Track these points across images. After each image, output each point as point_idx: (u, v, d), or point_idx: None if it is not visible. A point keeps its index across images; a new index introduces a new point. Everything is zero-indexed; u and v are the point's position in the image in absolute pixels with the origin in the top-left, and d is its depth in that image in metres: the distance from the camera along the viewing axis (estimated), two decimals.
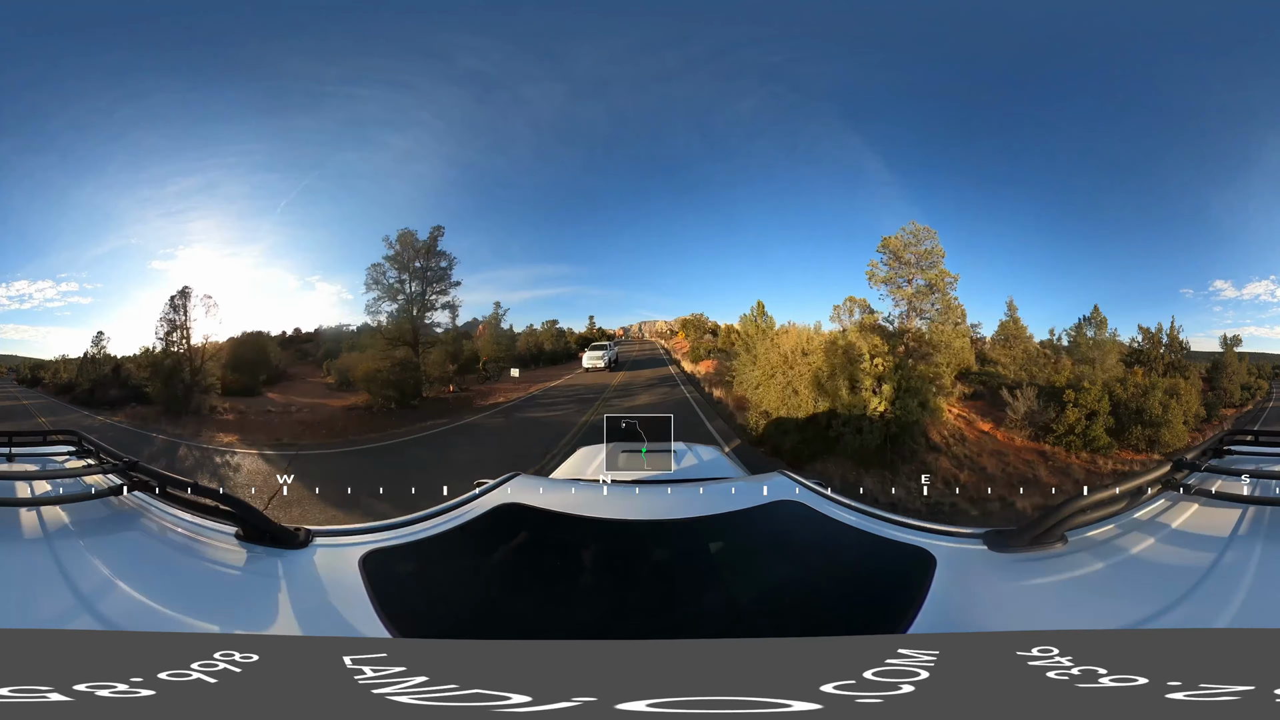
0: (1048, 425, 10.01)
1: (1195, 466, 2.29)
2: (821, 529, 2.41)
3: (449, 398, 14.62)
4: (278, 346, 14.92)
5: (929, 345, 12.53)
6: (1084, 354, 11.76)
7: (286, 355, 15.04)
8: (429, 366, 14.37)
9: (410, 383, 14.01)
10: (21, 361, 14.76)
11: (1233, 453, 2.54)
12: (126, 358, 13.88)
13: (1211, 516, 2.11)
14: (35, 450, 2.65)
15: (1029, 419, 10.33)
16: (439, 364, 14.51)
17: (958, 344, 12.57)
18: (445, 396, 14.58)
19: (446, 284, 14.39)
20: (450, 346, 14.67)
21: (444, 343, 14.58)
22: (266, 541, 2.19)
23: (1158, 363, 11.30)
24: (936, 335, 12.55)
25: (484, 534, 2.38)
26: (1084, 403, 9.67)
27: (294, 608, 1.95)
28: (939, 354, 12.40)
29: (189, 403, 12.97)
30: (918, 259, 12.55)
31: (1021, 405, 10.37)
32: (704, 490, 2.80)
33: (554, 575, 2.28)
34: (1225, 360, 12.47)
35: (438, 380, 14.58)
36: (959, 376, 12.62)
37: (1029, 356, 12.48)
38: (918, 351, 12.47)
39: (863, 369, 11.47)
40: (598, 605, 2.15)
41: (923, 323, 12.71)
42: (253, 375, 14.12)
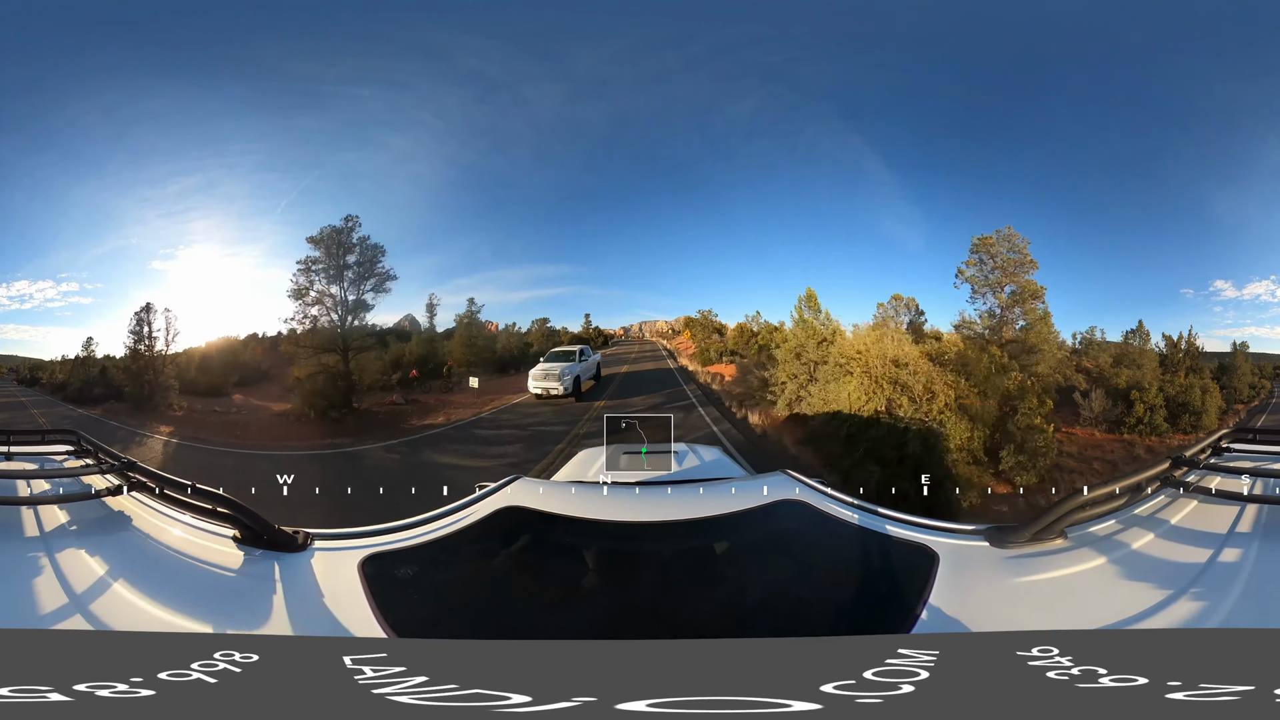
0: (1119, 419, 12.03)
1: (1195, 464, 2.29)
2: (823, 527, 2.41)
3: (382, 411, 13.08)
4: (250, 348, 14.73)
5: (1027, 351, 12.19)
6: (1133, 360, 12.98)
7: (273, 357, 14.98)
8: (361, 374, 12.97)
9: (333, 392, 12.73)
10: (22, 362, 14.80)
11: (1232, 451, 2.55)
12: (111, 358, 14.07)
13: (1210, 514, 2.11)
14: (34, 449, 2.65)
15: (1104, 416, 12.11)
16: (372, 371, 13.09)
17: (1052, 352, 12.40)
18: (379, 409, 13.08)
19: (376, 280, 13.08)
20: (380, 352, 13.35)
21: (374, 347, 13.35)
22: (265, 544, 2.18)
23: (1180, 366, 12.75)
24: (1038, 340, 12.27)
25: (485, 538, 2.37)
26: (1146, 399, 11.97)
27: (293, 611, 1.94)
28: (1040, 362, 12.14)
29: (150, 400, 13.22)
30: (1009, 265, 12.25)
31: (1096, 405, 12.16)
32: (704, 490, 2.80)
33: (555, 578, 2.27)
34: (1235, 363, 13.10)
35: (378, 389, 13.18)
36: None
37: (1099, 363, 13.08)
38: (1018, 359, 12.02)
39: (995, 384, 10.33)
40: (598, 607, 2.15)
41: (1019, 327, 12.43)
42: (223, 377, 13.92)
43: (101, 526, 2.13)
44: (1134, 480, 2.23)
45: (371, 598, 1.97)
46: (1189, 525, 2.11)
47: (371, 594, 1.99)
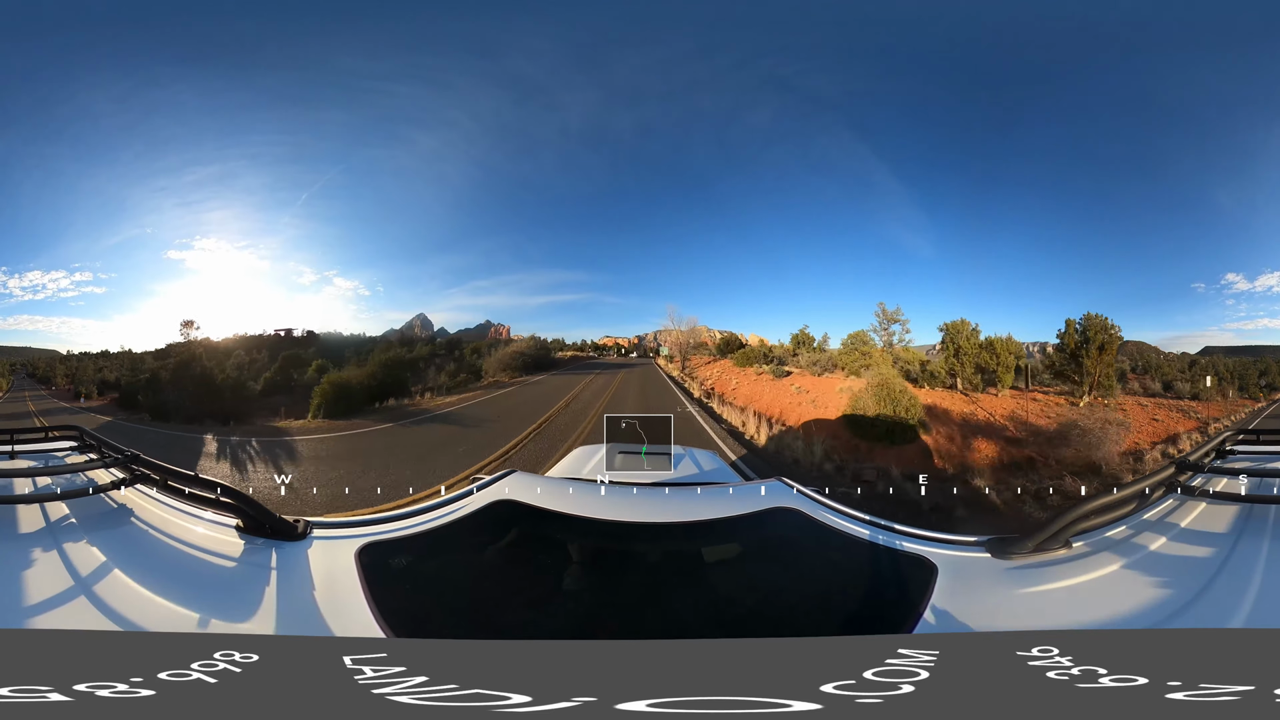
0: (1196, 395, 13.22)
1: (1199, 467, 2.28)
2: (818, 537, 2.37)
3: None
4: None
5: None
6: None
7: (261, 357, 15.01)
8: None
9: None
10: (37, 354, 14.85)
11: (1235, 453, 2.54)
12: (105, 354, 14.25)
13: (1216, 517, 2.10)
14: (37, 446, 2.66)
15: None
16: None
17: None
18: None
19: None
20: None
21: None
22: (266, 533, 2.21)
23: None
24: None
25: (477, 530, 2.38)
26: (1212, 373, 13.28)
27: (292, 600, 1.97)
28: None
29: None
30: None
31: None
32: (701, 493, 2.79)
33: (543, 573, 2.27)
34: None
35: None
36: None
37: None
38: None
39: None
40: (586, 605, 2.14)
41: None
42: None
43: (105, 521, 2.14)
44: (1138, 486, 2.20)
45: (366, 587, 1.99)
46: (1194, 529, 2.09)
47: (366, 583, 2.01)
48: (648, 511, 2.48)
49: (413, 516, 2.41)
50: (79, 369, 14.68)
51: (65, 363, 14.83)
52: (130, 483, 2.27)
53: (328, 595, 1.98)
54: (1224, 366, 13.46)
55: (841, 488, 9.88)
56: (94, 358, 14.64)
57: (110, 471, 2.32)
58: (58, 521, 2.06)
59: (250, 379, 14.11)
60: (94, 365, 14.63)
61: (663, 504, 2.63)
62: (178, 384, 13.22)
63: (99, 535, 2.04)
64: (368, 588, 1.99)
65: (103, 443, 2.52)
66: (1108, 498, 2.17)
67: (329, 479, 10.32)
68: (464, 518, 2.40)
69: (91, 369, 14.61)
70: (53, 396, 14.45)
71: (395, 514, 2.43)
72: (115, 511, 2.21)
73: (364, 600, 1.94)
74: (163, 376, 13.43)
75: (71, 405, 14.00)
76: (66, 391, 14.57)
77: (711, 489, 2.94)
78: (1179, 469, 2.28)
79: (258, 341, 14.80)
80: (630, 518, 2.39)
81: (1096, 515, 2.15)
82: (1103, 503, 2.16)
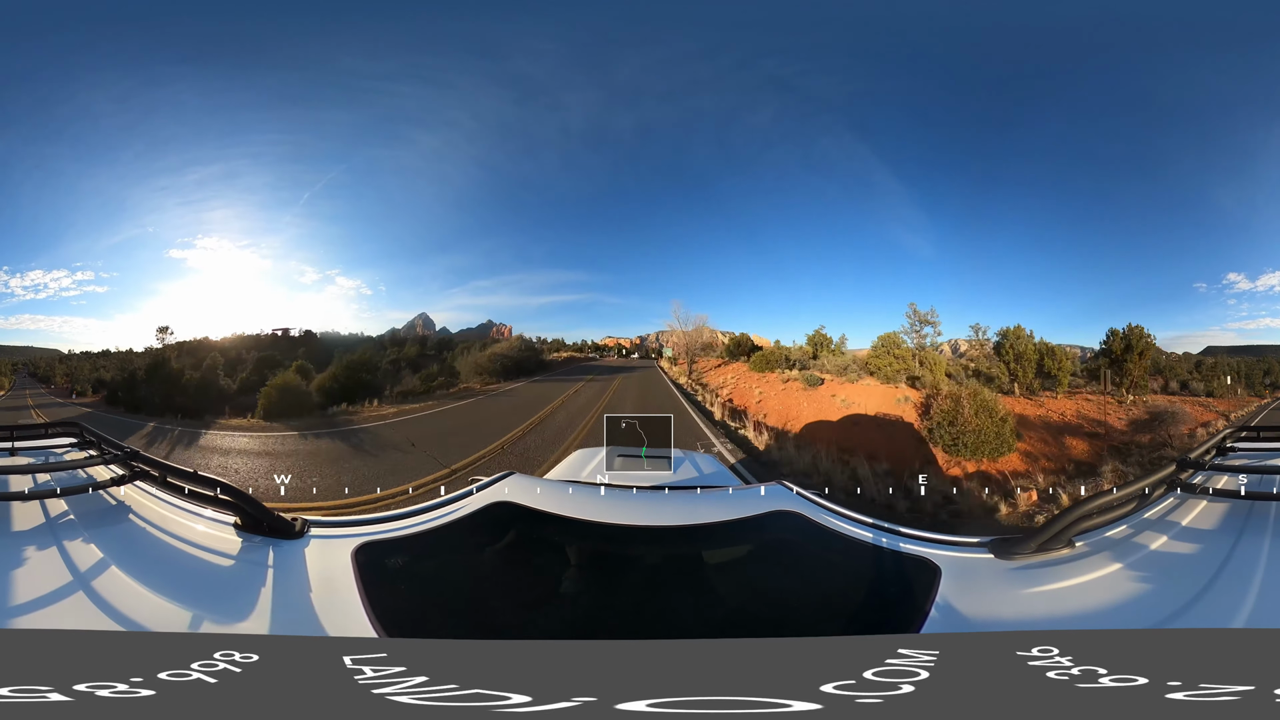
0: (1210, 392, 13.65)
1: (1200, 465, 2.28)
2: (819, 539, 2.35)
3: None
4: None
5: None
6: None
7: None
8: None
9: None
10: (39, 354, 14.87)
11: (1235, 450, 2.54)
12: (105, 353, 14.36)
13: (1217, 516, 2.10)
14: (37, 443, 2.66)
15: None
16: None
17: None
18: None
19: None
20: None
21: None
22: (264, 531, 2.21)
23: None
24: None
25: (475, 531, 2.38)
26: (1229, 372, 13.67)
27: (289, 598, 1.97)
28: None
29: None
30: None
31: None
32: (701, 496, 2.78)
33: (541, 575, 2.26)
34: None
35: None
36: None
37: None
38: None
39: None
40: (584, 607, 2.14)
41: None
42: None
43: (105, 518, 2.14)
44: (1140, 485, 2.21)
45: (362, 586, 1.99)
46: (1195, 527, 2.09)
47: (362, 582, 2.01)
48: (647, 514, 2.47)
49: (411, 517, 2.41)
50: (77, 368, 14.74)
51: (66, 362, 14.87)
52: (129, 479, 2.27)
53: (325, 594, 1.98)
54: (1229, 366, 13.80)
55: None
56: (94, 357, 14.69)
57: (109, 468, 2.31)
58: (57, 518, 2.06)
59: (225, 378, 14.18)
60: (92, 364, 14.72)
61: (662, 506, 2.62)
62: (149, 382, 13.48)
63: (98, 532, 2.04)
64: (363, 587, 1.99)
65: (102, 439, 2.51)
66: (1109, 497, 2.17)
67: (209, 471, 10.27)
68: (462, 518, 2.40)
69: (89, 368, 14.71)
70: (50, 394, 14.52)
71: (394, 514, 2.43)
72: (114, 509, 2.21)
73: (359, 598, 1.94)
74: (138, 375, 13.67)
75: (64, 401, 14.13)
76: (65, 389, 14.64)
77: (711, 491, 2.93)
78: (1180, 466, 2.27)
79: (256, 341, 14.80)
80: (630, 520, 2.38)
81: (1099, 514, 2.15)
82: (1104, 502, 2.16)
